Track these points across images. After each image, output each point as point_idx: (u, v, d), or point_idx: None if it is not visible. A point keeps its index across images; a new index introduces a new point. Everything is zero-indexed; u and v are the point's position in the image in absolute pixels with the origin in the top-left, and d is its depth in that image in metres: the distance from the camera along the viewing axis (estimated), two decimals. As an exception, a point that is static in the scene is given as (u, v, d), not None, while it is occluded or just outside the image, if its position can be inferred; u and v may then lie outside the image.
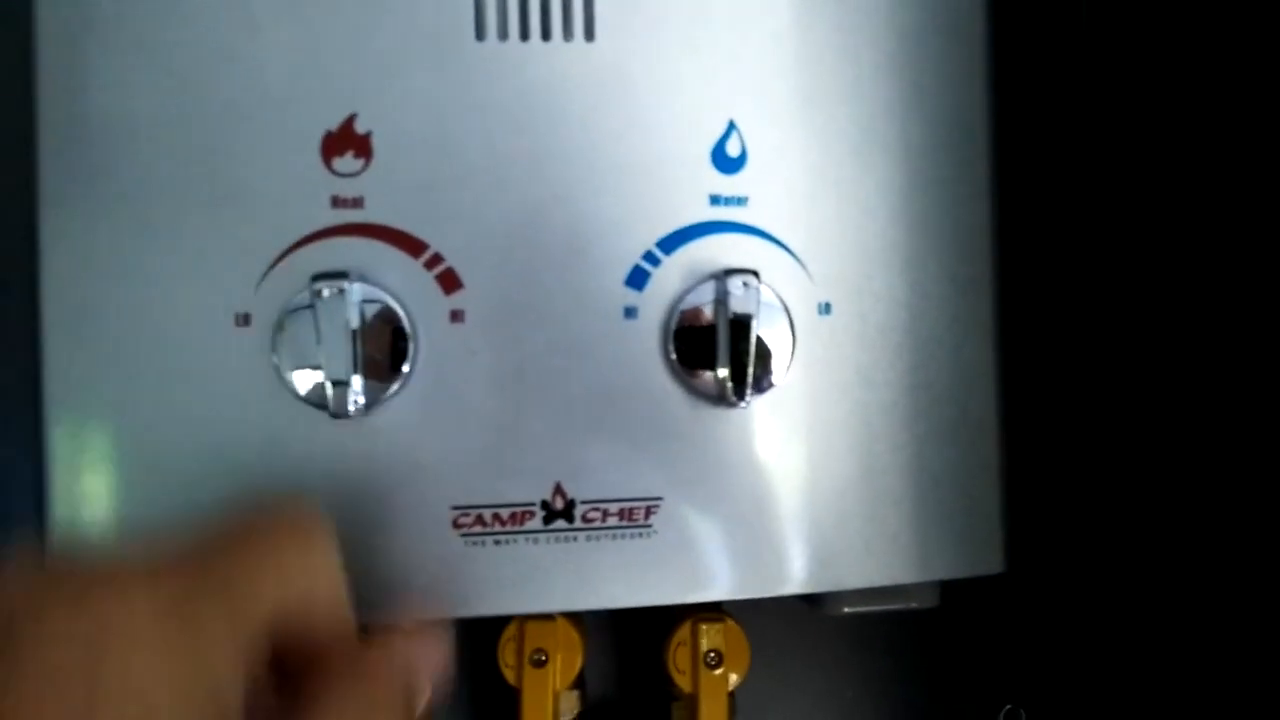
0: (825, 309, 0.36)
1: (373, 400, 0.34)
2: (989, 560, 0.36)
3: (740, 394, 0.34)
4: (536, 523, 0.34)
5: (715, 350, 0.34)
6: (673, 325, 0.35)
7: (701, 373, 0.35)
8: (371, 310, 0.34)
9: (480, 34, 0.35)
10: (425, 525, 0.34)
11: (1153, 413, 0.44)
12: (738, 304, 0.34)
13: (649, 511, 0.35)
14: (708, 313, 0.35)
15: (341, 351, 0.33)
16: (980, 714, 0.49)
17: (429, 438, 0.34)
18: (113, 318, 0.34)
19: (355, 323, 0.33)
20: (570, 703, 0.44)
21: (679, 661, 0.43)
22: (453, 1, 0.34)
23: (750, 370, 0.34)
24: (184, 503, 0.34)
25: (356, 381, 0.33)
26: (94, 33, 0.34)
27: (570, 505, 0.35)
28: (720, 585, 0.35)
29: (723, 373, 0.34)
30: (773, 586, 0.35)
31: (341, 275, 0.33)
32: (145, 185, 0.34)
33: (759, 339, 0.34)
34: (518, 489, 0.34)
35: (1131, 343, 0.45)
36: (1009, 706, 0.49)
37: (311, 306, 0.33)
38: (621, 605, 0.35)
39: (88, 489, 0.34)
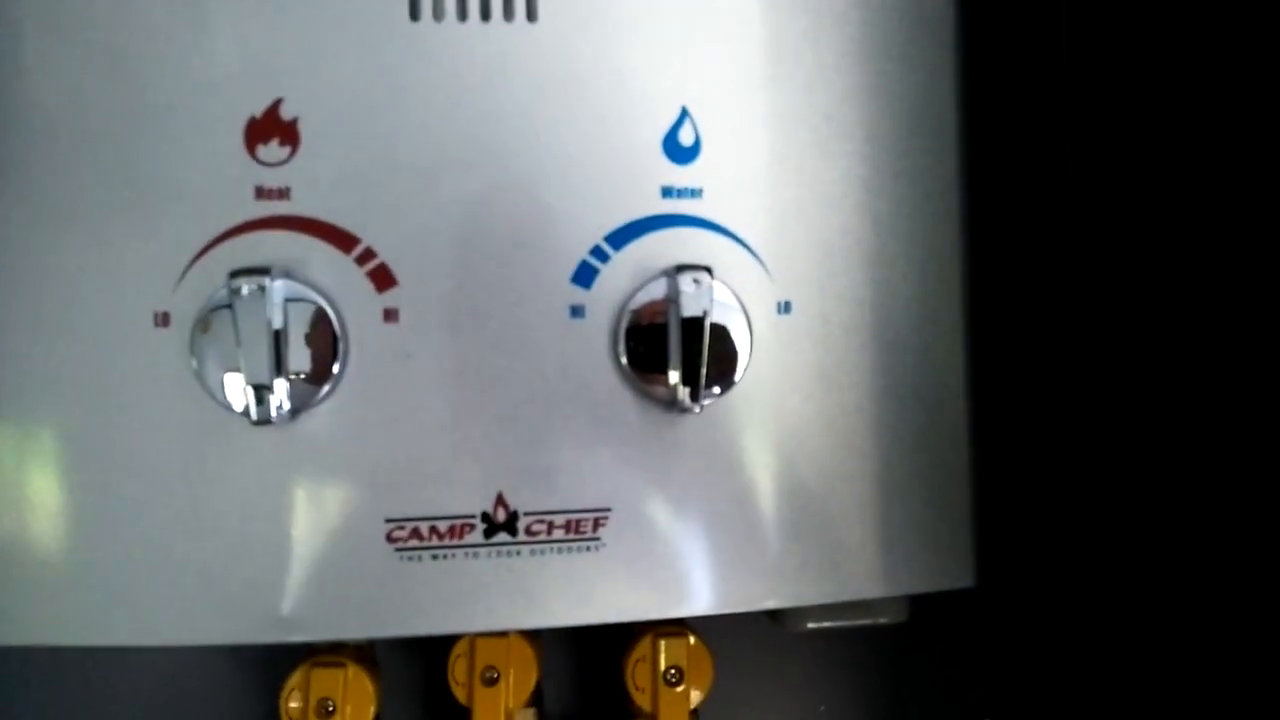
0: (785, 308, 0.34)
1: (299, 405, 0.31)
2: (959, 573, 0.34)
3: (694, 398, 0.32)
4: (477, 536, 0.32)
5: (667, 352, 0.32)
6: (622, 325, 0.33)
7: (653, 375, 0.33)
8: (297, 309, 0.31)
9: (415, 13, 0.32)
10: (358, 539, 0.32)
11: (1132, 419, 0.42)
12: (690, 303, 0.32)
13: (597, 523, 0.33)
14: (659, 312, 0.33)
15: (263, 354, 0.30)
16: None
17: (360, 445, 0.32)
18: (25, 316, 0.32)
19: (278, 323, 0.31)
20: (526, 722, 0.42)
21: (638, 678, 0.40)
22: (386, -22, 0.32)
23: (704, 372, 0.32)
24: (105, 511, 0.32)
25: (280, 386, 0.31)
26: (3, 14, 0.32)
27: (513, 517, 0.32)
28: (673, 602, 0.33)
29: (675, 375, 0.32)
30: (729, 603, 0.33)
31: (262, 271, 0.30)
32: (58, 174, 0.32)
33: (714, 340, 0.32)
34: (456, 500, 0.32)
35: (1110, 344, 0.43)
36: (985, 721, 0.48)
37: (230, 306, 0.30)
38: (568, 624, 0.33)
39: (9, 498, 0.32)
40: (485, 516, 0.32)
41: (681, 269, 0.32)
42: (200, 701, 0.44)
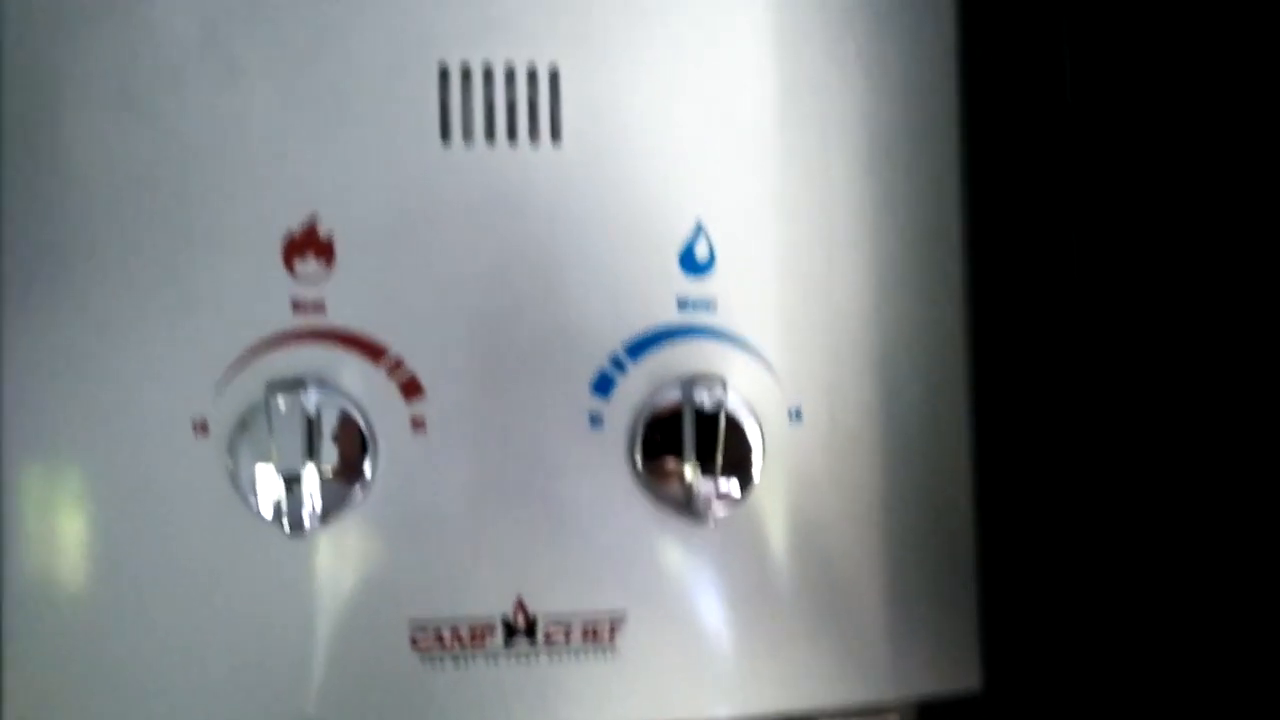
0: (796, 415, 0.35)
1: (330, 510, 0.33)
2: (965, 678, 0.35)
3: (707, 504, 0.33)
4: (497, 641, 0.33)
5: (682, 445, 0.33)
6: (639, 434, 0.34)
7: (668, 471, 0.34)
8: (330, 417, 0.33)
9: (445, 136, 0.34)
10: (383, 644, 0.33)
11: (1138, 525, 0.43)
12: (706, 402, 0.33)
13: (613, 629, 0.34)
14: (676, 410, 0.34)
15: (297, 462, 0.32)
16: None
17: (387, 550, 0.33)
18: (73, 419, 0.33)
19: (312, 432, 0.32)
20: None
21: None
22: (417, 102, 0.34)
23: (719, 462, 0.33)
24: (138, 609, 0.33)
25: (312, 492, 0.32)
26: (57, 128, 0.33)
27: (532, 622, 0.33)
28: (687, 707, 0.34)
29: (689, 470, 0.33)
30: (742, 707, 0.34)
31: (298, 384, 0.32)
32: (106, 287, 0.33)
33: (729, 435, 0.33)
34: (478, 604, 0.33)
35: (1113, 453, 0.44)
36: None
37: (267, 416, 0.32)
38: (584, 727, 0.33)
39: (48, 597, 0.33)
40: (505, 621, 0.33)
41: (697, 379, 0.34)
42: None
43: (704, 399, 0.33)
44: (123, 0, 0.33)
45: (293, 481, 0.32)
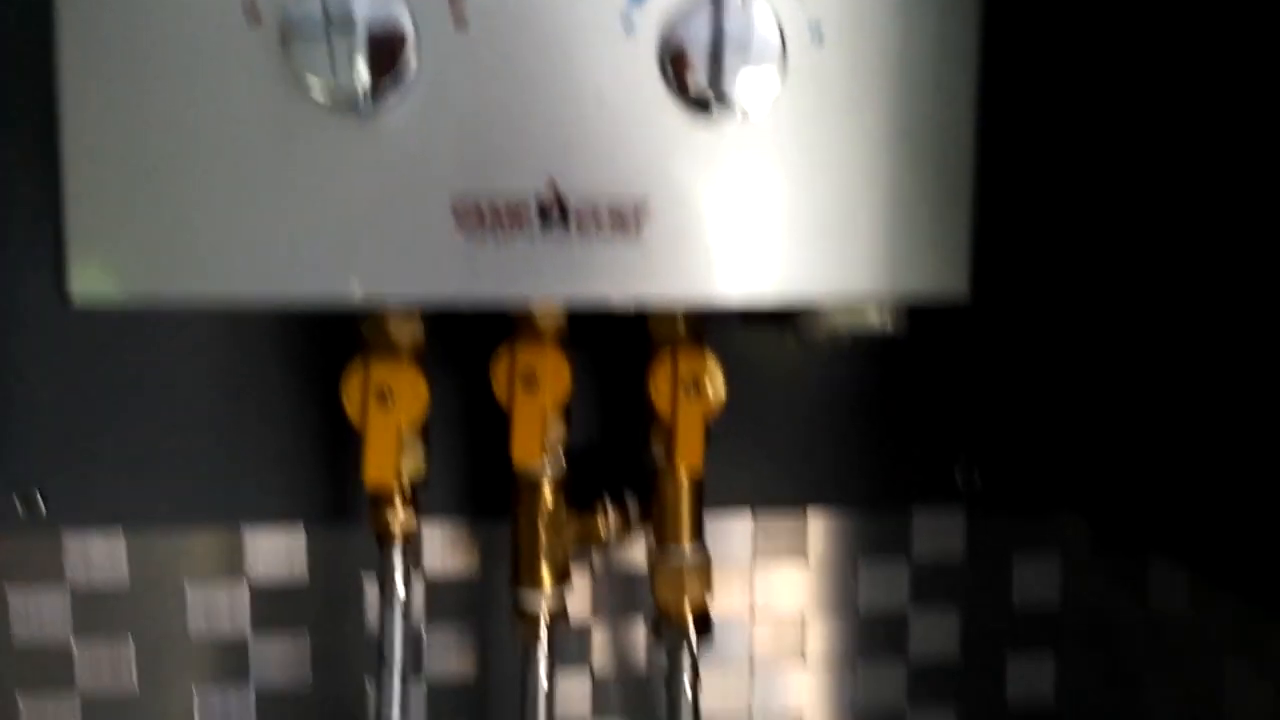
0: (817, 35, 0.37)
1: (376, 97, 0.35)
2: (954, 283, 0.39)
3: (719, 87, 0.35)
4: (533, 223, 0.36)
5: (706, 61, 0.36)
6: (669, 37, 0.36)
7: (692, 83, 0.36)
8: (380, 13, 0.35)
9: None
10: (428, 219, 0.36)
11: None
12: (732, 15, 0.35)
13: (639, 214, 0.37)
14: (702, 24, 0.36)
15: (348, 47, 0.34)
16: (938, 460, 0.53)
17: (429, 133, 0.36)
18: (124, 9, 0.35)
19: (362, 16, 0.34)
20: (558, 430, 0.47)
21: (659, 384, 0.46)
22: None
23: (739, 78, 0.35)
24: (195, 187, 0.36)
25: (361, 79, 0.34)
26: None
27: (563, 203, 0.36)
28: (703, 289, 0.37)
29: (711, 75, 0.35)
30: (751, 293, 0.38)
31: (348, -22, 0.34)
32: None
33: (751, 50, 0.35)
34: (512, 179, 0.36)
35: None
36: (964, 458, 0.53)
37: (323, 5, 0.34)
38: (611, 302, 0.37)
39: (103, 189, 0.36)
40: (539, 200, 0.36)
41: (725, -13, 0.35)
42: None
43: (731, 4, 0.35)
44: None
45: (343, 67, 0.34)
